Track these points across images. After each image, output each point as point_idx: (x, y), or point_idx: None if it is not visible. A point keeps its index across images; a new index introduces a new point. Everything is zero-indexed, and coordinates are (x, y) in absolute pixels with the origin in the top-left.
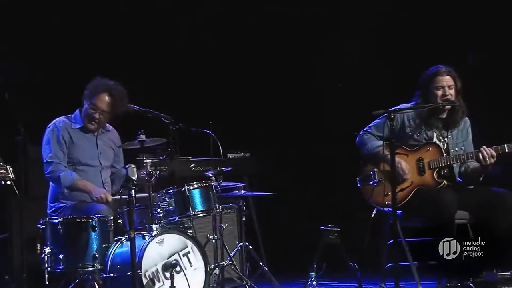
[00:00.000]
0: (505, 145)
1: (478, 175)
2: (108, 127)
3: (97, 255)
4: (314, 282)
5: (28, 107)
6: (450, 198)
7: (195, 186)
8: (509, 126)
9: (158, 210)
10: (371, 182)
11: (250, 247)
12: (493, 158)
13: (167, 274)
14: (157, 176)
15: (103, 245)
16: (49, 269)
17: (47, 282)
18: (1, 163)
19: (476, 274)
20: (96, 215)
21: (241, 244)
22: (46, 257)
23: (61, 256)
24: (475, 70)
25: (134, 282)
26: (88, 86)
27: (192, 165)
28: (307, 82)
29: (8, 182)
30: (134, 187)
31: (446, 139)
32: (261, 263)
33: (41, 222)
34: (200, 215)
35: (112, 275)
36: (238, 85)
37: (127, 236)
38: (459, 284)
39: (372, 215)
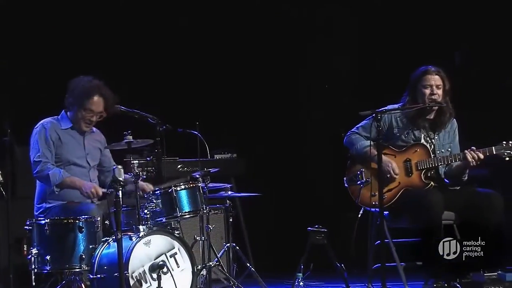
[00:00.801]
0: (493, 147)
1: (461, 173)
2: (92, 128)
3: (84, 256)
4: (301, 283)
5: (15, 107)
6: (437, 199)
7: (182, 187)
8: (495, 128)
9: (145, 211)
10: (358, 182)
11: (237, 247)
12: (479, 161)
13: (154, 275)
14: (144, 176)
15: (90, 246)
16: (36, 270)
17: (33, 283)
18: None
19: (463, 275)
20: (83, 216)
21: (228, 245)
22: (33, 258)
23: (48, 257)
24: (462, 70)
25: (121, 283)
26: (74, 90)
27: (179, 166)
28: (293, 83)
29: None
30: (121, 188)
31: (433, 140)
32: (248, 264)
33: (28, 223)
34: (187, 216)
35: (99, 276)
36: (225, 86)
37: (114, 237)
38: (446, 285)
39: (359, 215)
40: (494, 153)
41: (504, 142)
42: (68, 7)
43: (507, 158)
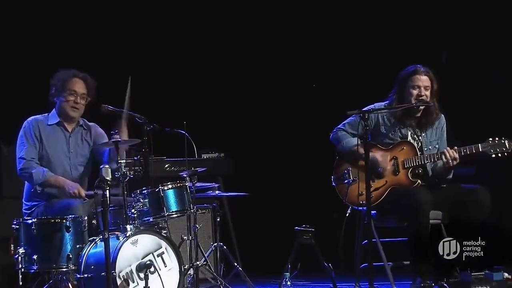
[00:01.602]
0: (479, 145)
1: (444, 174)
2: (85, 124)
3: (71, 256)
4: (288, 283)
5: (2, 107)
6: (425, 197)
7: (170, 186)
8: (482, 125)
9: (133, 210)
10: (345, 181)
11: (225, 247)
12: (456, 161)
13: (141, 275)
14: (131, 176)
15: (77, 246)
16: (22, 270)
17: (20, 283)
18: None
19: (450, 274)
20: (70, 216)
21: (215, 244)
22: (20, 257)
23: (35, 257)
24: (448, 69)
25: (108, 282)
26: (54, 82)
27: (166, 166)
28: (281, 82)
29: None
30: (108, 188)
31: (420, 137)
32: (235, 264)
33: (15, 222)
34: (175, 215)
35: (86, 275)
36: (212, 85)
37: (101, 237)
38: (433, 284)
39: (347, 215)
40: (480, 150)
41: (490, 139)
42: (59, 5)
43: (493, 155)
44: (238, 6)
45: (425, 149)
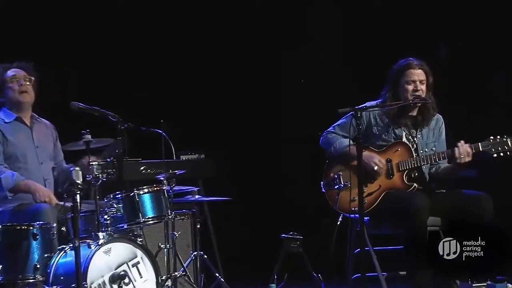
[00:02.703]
0: (479, 144)
1: (450, 176)
2: (40, 118)
3: (38, 266)
4: None
5: None
6: (422, 203)
7: (146, 190)
8: (480, 123)
9: (105, 216)
10: (335, 187)
11: (205, 256)
12: (469, 157)
13: (115, 286)
14: (104, 179)
15: (45, 255)
16: None
17: None
18: None
19: (450, 285)
20: (37, 222)
21: (195, 253)
22: None
23: None
24: (446, 64)
25: None
26: None
27: (142, 168)
28: (266, 79)
29: None
30: (79, 192)
31: (415, 138)
32: (217, 274)
33: None
34: (151, 222)
35: (55, 287)
36: (192, 82)
37: (71, 245)
38: None
39: (338, 222)
40: (481, 149)
41: (492, 137)
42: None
43: (495, 155)
44: (224, 1)
45: (421, 151)
